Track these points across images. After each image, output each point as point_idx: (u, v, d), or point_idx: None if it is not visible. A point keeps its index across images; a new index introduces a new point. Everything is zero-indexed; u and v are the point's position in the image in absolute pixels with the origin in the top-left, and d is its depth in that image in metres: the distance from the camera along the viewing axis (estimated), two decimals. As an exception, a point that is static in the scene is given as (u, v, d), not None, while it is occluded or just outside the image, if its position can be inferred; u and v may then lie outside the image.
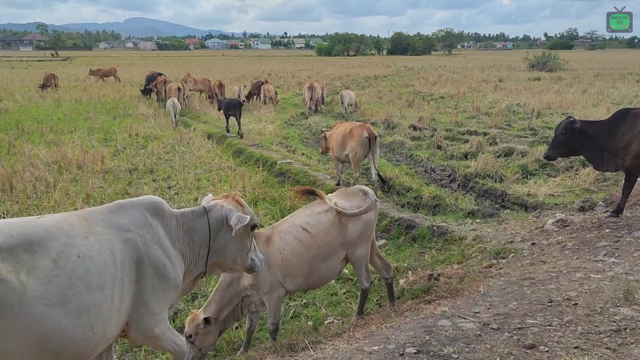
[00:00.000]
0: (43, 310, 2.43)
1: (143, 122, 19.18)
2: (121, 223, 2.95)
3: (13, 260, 2.42)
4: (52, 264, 2.52)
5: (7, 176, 10.70)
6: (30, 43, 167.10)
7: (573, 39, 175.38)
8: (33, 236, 2.55)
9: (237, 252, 3.50)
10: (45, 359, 2.53)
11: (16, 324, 2.37)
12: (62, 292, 2.52)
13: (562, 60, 45.18)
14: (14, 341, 2.40)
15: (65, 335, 2.54)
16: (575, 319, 4.04)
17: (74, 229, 2.73)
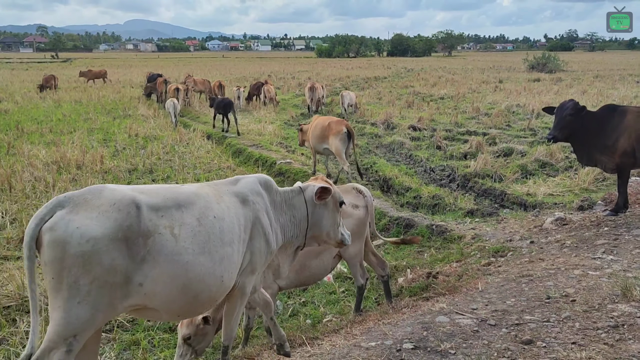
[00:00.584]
0: (189, 259, 2.88)
1: (143, 122, 19.20)
2: (241, 192, 3.40)
3: (168, 217, 2.88)
4: (196, 222, 2.98)
5: (6, 176, 10.69)
6: (30, 45, 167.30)
7: (573, 40, 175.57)
8: (181, 199, 3.01)
9: (330, 227, 3.85)
10: (185, 301, 2.96)
11: (168, 270, 2.80)
12: (204, 245, 2.96)
13: (562, 62, 45.21)
14: (165, 285, 2.81)
15: (203, 281, 2.97)
16: (572, 315, 4.04)
17: (209, 196, 3.19)
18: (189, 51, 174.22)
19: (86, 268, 2.56)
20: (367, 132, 16.81)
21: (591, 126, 6.93)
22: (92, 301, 2.61)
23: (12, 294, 6.09)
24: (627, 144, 6.65)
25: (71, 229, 2.58)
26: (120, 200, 2.73)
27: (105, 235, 2.60)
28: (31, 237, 2.61)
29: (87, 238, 2.56)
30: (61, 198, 2.73)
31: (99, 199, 2.73)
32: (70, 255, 2.55)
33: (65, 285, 2.58)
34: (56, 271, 2.58)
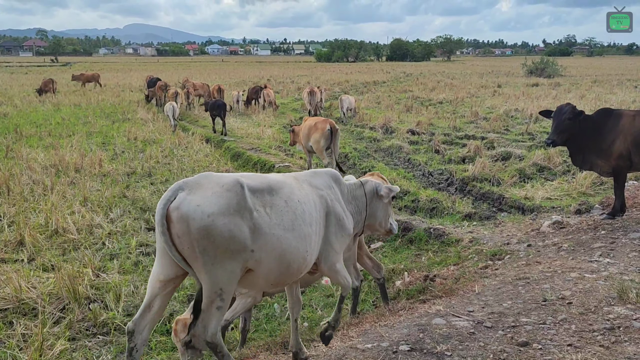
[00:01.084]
0: (281, 233, 3.36)
1: (142, 126, 19.21)
2: (316, 183, 3.89)
3: (262, 198, 3.36)
4: (284, 203, 3.46)
5: (4, 179, 10.69)
6: (30, 49, 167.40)
7: (571, 45, 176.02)
8: (272, 184, 3.50)
9: (383, 217, 4.40)
10: (280, 270, 3.44)
11: (267, 242, 3.28)
12: (291, 223, 3.43)
13: (560, 67, 45.31)
14: (267, 254, 3.31)
15: (294, 253, 3.45)
16: (569, 318, 4.05)
17: (293, 184, 3.67)
18: (189, 55, 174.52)
19: (210, 238, 3.06)
20: (365, 136, 16.83)
21: (587, 130, 6.96)
22: (223, 264, 3.15)
23: (9, 297, 6.09)
24: (622, 147, 6.68)
25: (192, 206, 3.07)
26: (228, 182, 3.23)
27: (220, 211, 3.10)
28: (161, 216, 3.10)
29: (207, 214, 3.06)
30: (180, 183, 3.25)
31: (210, 182, 3.23)
32: (195, 228, 3.05)
33: (198, 253, 3.09)
34: (188, 242, 3.08)
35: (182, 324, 4.43)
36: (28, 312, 5.94)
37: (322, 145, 10.92)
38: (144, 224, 8.97)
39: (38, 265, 7.20)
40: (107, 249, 7.92)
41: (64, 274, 6.32)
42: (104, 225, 8.70)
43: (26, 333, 5.45)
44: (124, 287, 6.52)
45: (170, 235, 3.08)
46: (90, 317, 5.82)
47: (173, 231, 3.08)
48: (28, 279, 6.56)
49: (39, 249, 7.77)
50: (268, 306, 6.36)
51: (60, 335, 5.44)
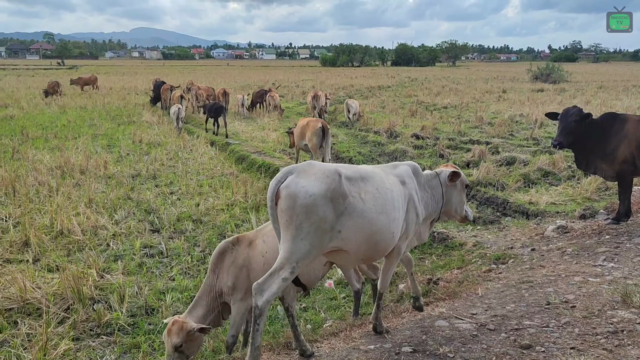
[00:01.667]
0: (373, 216, 3.76)
1: (147, 129, 19.30)
2: (399, 174, 4.28)
3: (357, 185, 3.78)
4: (375, 190, 3.87)
5: (10, 180, 10.77)
6: (37, 52, 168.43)
7: (577, 51, 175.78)
8: (363, 173, 3.93)
9: (458, 204, 4.69)
10: (368, 247, 3.84)
11: (359, 223, 3.70)
12: (382, 207, 3.83)
13: (565, 72, 45.18)
14: (356, 234, 3.71)
15: (381, 233, 3.85)
16: (572, 321, 4.04)
17: (381, 174, 4.09)
18: (194, 59, 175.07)
19: (307, 215, 3.53)
20: (370, 140, 16.84)
21: (593, 133, 6.96)
22: (309, 239, 3.56)
23: (14, 297, 6.13)
24: (627, 152, 6.67)
25: (299, 187, 3.57)
26: (328, 170, 3.69)
27: (320, 193, 3.56)
28: (272, 193, 3.62)
29: (310, 194, 3.54)
30: (289, 168, 3.75)
31: (313, 169, 3.70)
32: (298, 205, 3.53)
33: (293, 226, 3.55)
34: (289, 216, 3.56)
35: (178, 326, 4.40)
36: (33, 312, 5.98)
37: (315, 143, 11.50)
38: (148, 225, 9.01)
39: (43, 266, 7.25)
40: (112, 250, 7.96)
41: (68, 275, 6.36)
42: (108, 227, 8.74)
43: (31, 333, 5.49)
44: (128, 288, 6.56)
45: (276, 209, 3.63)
46: (94, 317, 5.86)
47: (279, 206, 3.60)
48: (33, 279, 6.60)
49: (44, 249, 7.81)
50: (271, 308, 6.37)
51: (65, 335, 5.47)
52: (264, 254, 4.68)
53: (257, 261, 4.67)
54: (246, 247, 4.72)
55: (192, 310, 4.68)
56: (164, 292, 6.61)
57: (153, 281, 6.93)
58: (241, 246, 4.70)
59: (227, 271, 4.65)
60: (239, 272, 4.64)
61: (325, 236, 3.61)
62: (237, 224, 9.09)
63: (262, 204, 10.22)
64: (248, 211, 9.71)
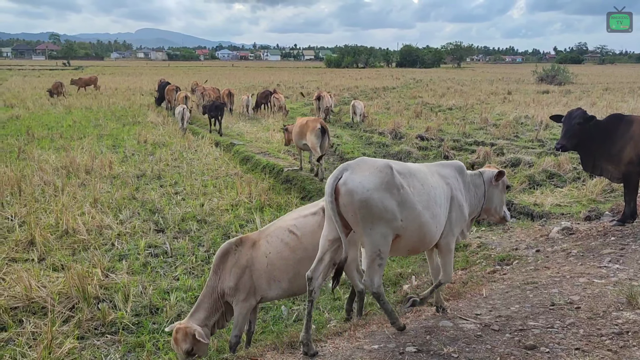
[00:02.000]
0: (420, 209, 4.02)
1: (152, 129, 19.35)
2: (443, 173, 4.49)
3: (406, 179, 4.03)
4: (420, 185, 4.12)
5: (16, 180, 10.82)
6: (42, 52, 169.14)
7: (583, 53, 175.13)
8: (411, 169, 4.19)
9: (498, 204, 4.89)
10: (418, 238, 4.11)
11: (412, 214, 3.97)
12: (427, 202, 4.10)
13: (571, 74, 44.98)
14: (411, 223, 3.99)
15: (429, 227, 4.12)
16: (577, 322, 4.03)
17: (426, 171, 4.33)
18: (199, 60, 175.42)
19: (368, 208, 3.79)
20: (374, 141, 16.82)
21: (598, 135, 6.94)
22: (378, 228, 3.85)
23: (19, 295, 6.16)
24: (633, 153, 6.65)
25: (355, 183, 3.81)
26: (380, 165, 3.94)
27: (375, 186, 3.81)
28: (331, 189, 3.85)
29: (366, 188, 3.79)
30: (344, 165, 4.00)
31: (366, 164, 3.96)
32: (357, 200, 3.78)
33: (360, 220, 3.84)
34: (352, 211, 3.84)
35: (183, 333, 4.42)
36: (38, 310, 6.01)
37: (314, 142, 11.74)
38: (152, 225, 9.04)
39: (48, 265, 7.28)
40: (116, 250, 7.98)
41: (73, 274, 6.39)
42: (113, 227, 8.77)
43: (36, 331, 5.51)
44: (133, 287, 6.58)
45: (337, 205, 3.85)
46: (99, 316, 5.88)
47: (340, 202, 3.84)
48: (38, 278, 6.63)
49: (49, 249, 7.85)
50: (275, 308, 6.38)
51: (69, 333, 5.49)
52: (267, 255, 4.69)
53: (260, 262, 4.68)
54: (249, 248, 4.72)
55: (195, 313, 4.68)
56: (169, 291, 6.63)
57: (157, 281, 6.95)
58: (244, 247, 4.71)
59: (230, 272, 4.66)
60: (241, 273, 4.64)
61: (390, 225, 3.89)
62: (241, 224, 9.11)
63: (267, 204, 10.24)
64: (252, 211, 9.72)
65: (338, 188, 3.85)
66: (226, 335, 5.44)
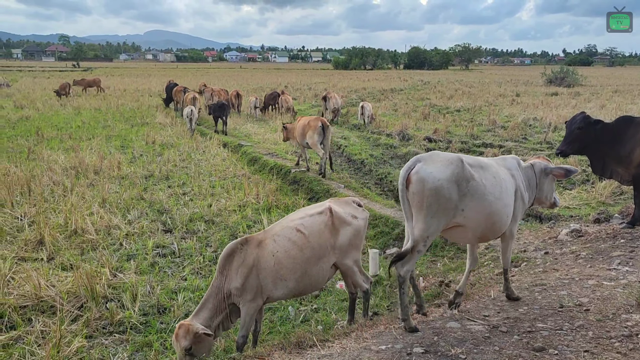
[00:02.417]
0: (491, 199, 4.31)
1: (160, 130, 19.43)
2: (508, 166, 4.77)
3: (478, 172, 4.31)
4: (492, 178, 4.40)
5: (25, 180, 10.90)
6: (52, 54, 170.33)
7: (592, 55, 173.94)
8: (482, 163, 4.47)
9: (548, 192, 5.09)
10: (485, 226, 4.39)
11: (479, 204, 4.25)
12: (498, 193, 4.38)
13: (580, 76, 44.74)
14: (476, 213, 4.26)
15: (500, 215, 4.41)
16: (586, 324, 4.00)
17: (495, 165, 4.61)
18: (207, 62, 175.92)
19: (435, 197, 4.09)
20: (382, 142, 16.81)
21: (607, 137, 6.89)
22: (438, 217, 4.15)
23: (28, 294, 6.20)
24: None
25: (427, 173, 4.12)
26: (452, 157, 4.23)
27: (446, 178, 4.11)
28: (404, 178, 4.20)
29: (437, 179, 4.10)
30: (417, 157, 4.30)
31: (439, 157, 4.25)
32: (427, 189, 4.10)
33: (424, 207, 4.13)
34: (419, 198, 4.13)
35: (185, 330, 4.41)
36: (47, 309, 6.04)
37: (316, 140, 12.07)
38: (160, 225, 9.07)
39: (57, 264, 7.32)
40: (125, 250, 8.02)
41: (82, 273, 6.42)
42: (121, 227, 8.81)
43: (44, 330, 5.54)
44: (140, 287, 6.60)
45: (406, 192, 4.18)
46: (107, 315, 5.90)
47: (410, 190, 4.17)
48: (47, 277, 6.68)
49: (58, 248, 7.90)
50: (282, 309, 6.38)
51: (78, 332, 5.52)
52: (274, 254, 4.70)
53: (267, 261, 4.68)
54: (255, 247, 4.73)
55: (199, 312, 4.67)
56: (176, 291, 6.65)
57: (165, 281, 6.98)
58: (250, 246, 4.71)
59: (237, 272, 4.65)
60: (248, 272, 4.64)
61: (449, 213, 4.17)
62: (248, 225, 9.12)
63: (274, 205, 10.25)
64: (260, 212, 9.74)
65: (410, 177, 4.17)
66: (233, 335, 5.45)
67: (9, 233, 8.43)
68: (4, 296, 6.15)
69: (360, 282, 5.28)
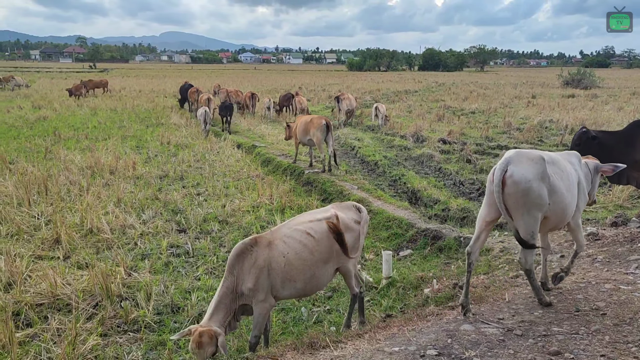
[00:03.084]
0: (564, 192, 4.58)
1: (175, 131, 19.56)
2: (572, 162, 5.03)
3: (554, 167, 4.60)
4: (562, 172, 4.64)
5: (43, 179, 11.03)
6: (70, 55, 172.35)
7: (610, 57, 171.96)
8: (554, 159, 4.70)
9: (594, 189, 5.37)
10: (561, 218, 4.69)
11: (558, 198, 4.52)
12: (568, 186, 4.65)
13: (597, 78, 44.26)
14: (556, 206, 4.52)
15: (569, 207, 4.69)
16: (602, 328, 3.95)
17: (562, 160, 4.85)
18: (222, 63, 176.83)
19: (528, 196, 4.39)
20: (396, 144, 16.77)
21: (618, 144, 6.86)
22: (534, 213, 4.45)
23: (44, 292, 6.27)
24: None
25: (519, 174, 4.40)
26: (536, 157, 4.51)
27: (534, 177, 4.41)
28: (499, 180, 4.42)
29: (528, 179, 4.39)
30: (507, 158, 4.52)
31: (524, 157, 4.51)
32: (520, 189, 4.38)
33: (520, 206, 4.43)
34: (515, 198, 4.42)
35: (209, 336, 4.31)
36: (62, 307, 6.10)
37: (319, 138, 12.34)
38: (175, 225, 9.12)
39: (73, 263, 7.39)
40: (139, 249, 8.07)
41: (97, 272, 6.48)
42: (136, 226, 8.87)
43: (60, 327, 5.60)
44: (155, 286, 6.64)
45: (502, 193, 4.42)
46: (121, 314, 5.94)
47: (505, 191, 4.42)
48: (63, 275, 6.75)
49: (74, 247, 7.98)
50: (295, 309, 6.38)
51: (93, 330, 5.57)
52: (285, 255, 4.72)
53: (277, 261, 4.70)
54: (265, 247, 4.74)
55: (214, 314, 4.62)
56: (190, 291, 6.68)
57: (179, 280, 7.01)
58: (260, 247, 4.72)
59: (248, 272, 4.66)
60: (259, 273, 4.65)
61: (542, 209, 4.45)
62: (262, 226, 9.14)
63: (287, 205, 10.26)
64: (273, 213, 9.76)
65: (505, 179, 4.43)
66: (246, 335, 5.46)
67: (26, 231, 8.54)
68: (21, 294, 6.23)
69: (352, 285, 5.36)
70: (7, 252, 7.35)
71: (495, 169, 4.54)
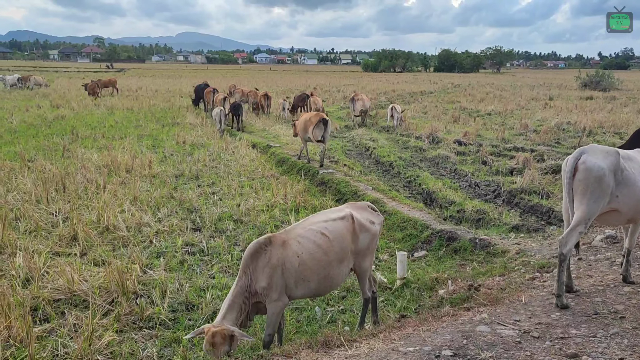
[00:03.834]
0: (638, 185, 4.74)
1: (190, 130, 19.68)
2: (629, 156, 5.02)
3: (629, 162, 4.84)
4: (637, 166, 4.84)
5: (60, 177, 11.16)
6: (87, 55, 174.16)
7: (629, 59, 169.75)
8: (629, 155, 4.96)
9: None
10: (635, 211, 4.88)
11: (632, 190, 4.73)
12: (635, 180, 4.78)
13: (616, 80, 43.73)
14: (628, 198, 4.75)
15: None
16: (621, 332, 3.90)
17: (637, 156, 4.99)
18: (237, 63, 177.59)
19: (598, 184, 4.64)
20: (411, 145, 16.71)
21: None
22: (598, 202, 4.68)
23: (62, 288, 6.34)
24: None
25: (593, 163, 4.68)
26: (610, 150, 4.79)
27: (606, 167, 4.66)
28: (571, 167, 4.71)
29: (600, 167, 4.65)
30: (581, 149, 4.81)
31: (599, 149, 4.79)
32: (592, 176, 4.65)
33: (588, 193, 4.66)
34: (584, 185, 4.67)
35: (221, 336, 4.31)
36: (79, 303, 6.17)
37: (317, 134, 12.98)
38: (190, 224, 9.17)
39: (90, 260, 7.47)
40: (155, 247, 8.13)
41: (113, 269, 6.53)
42: (152, 224, 8.94)
43: (77, 323, 5.65)
44: (170, 284, 6.69)
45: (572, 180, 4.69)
46: (137, 311, 5.99)
47: (576, 177, 4.70)
48: (80, 272, 6.81)
49: (91, 244, 8.05)
50: (309, 309, 6.38)
51: (109, 327, 5.61)
52: (299, 255, 4.71)
53: (291, 261, 4.70)
54: (279, 247, 4.74)
55: (228, 313, 4.62)
56: (204, 289, 6.71)
57: (194, 278, 7.05)
58: (274, 246, 4.72)
59: (262, 271, 4.66)
60: (273, 272, 4.65)
61: (607, 199, 4.66)
62: (276, 225, 9.16)
63: (302, 205, 10.27)
64: (288, 212, 9.77)
65: (577, 166, 4.71)
66: (260, 333, 5.47)
67: (44, 228, 8.64)
68: (39, 289, 6.31)
69: (365, 289, 5.34)
70: (26, 249, 7.45)
71: (569, 158, 4.82)
